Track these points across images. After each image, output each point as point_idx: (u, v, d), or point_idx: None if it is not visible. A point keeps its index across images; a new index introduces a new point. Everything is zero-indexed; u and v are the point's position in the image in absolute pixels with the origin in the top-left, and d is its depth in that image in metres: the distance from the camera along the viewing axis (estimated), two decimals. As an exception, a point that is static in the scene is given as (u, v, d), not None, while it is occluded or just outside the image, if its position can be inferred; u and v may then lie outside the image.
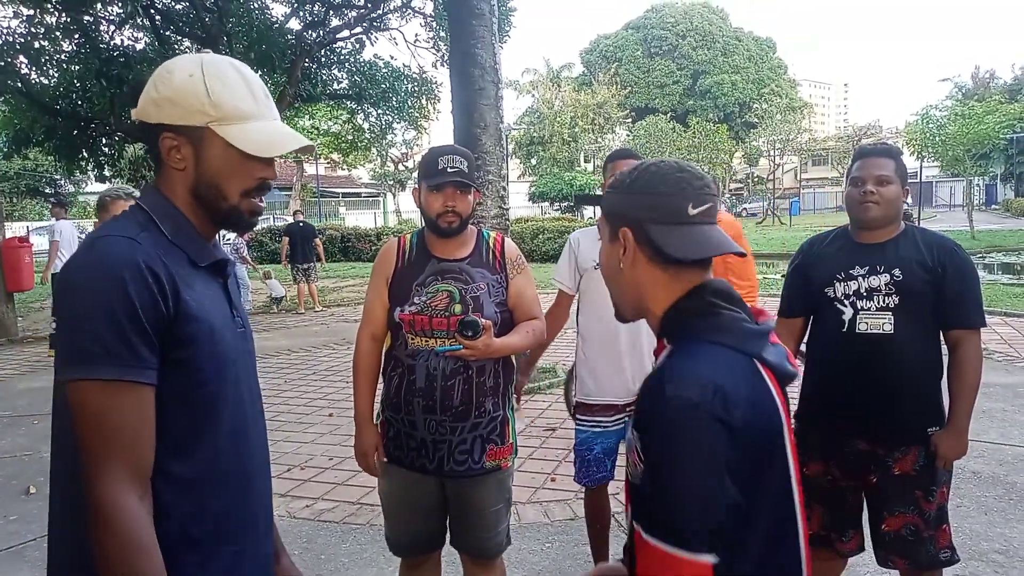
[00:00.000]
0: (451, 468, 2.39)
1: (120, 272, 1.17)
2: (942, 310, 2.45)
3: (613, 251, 1.31)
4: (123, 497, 1.14)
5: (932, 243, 2.49)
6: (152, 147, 1.34)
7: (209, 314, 1.28)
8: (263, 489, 1.45)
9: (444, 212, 2.37)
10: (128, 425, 1.16)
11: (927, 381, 2.48)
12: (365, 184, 53.42)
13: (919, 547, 2.46)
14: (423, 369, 2.36)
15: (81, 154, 13.85)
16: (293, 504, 4.40)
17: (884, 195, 2.45)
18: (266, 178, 1.37)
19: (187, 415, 1.25)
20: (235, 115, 1.31)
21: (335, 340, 10.09)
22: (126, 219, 1.30)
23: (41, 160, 24.70)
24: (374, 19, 15.16)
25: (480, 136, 6.72)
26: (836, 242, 2.64)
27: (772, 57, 64.53)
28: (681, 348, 1.22)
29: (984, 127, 23.11)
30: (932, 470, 2.46)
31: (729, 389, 1.12)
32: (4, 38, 11.79)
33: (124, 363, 1.16)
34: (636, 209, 1.27)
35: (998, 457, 4.83)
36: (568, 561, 3.64)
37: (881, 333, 2.44)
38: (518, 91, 47.87)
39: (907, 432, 2.47)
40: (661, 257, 1.25)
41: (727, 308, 1.24)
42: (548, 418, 5.95)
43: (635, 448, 1.19)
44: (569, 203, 36.20)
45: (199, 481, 1.27)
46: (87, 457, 1.15)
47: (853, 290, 2.49)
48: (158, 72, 1.32)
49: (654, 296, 1.28)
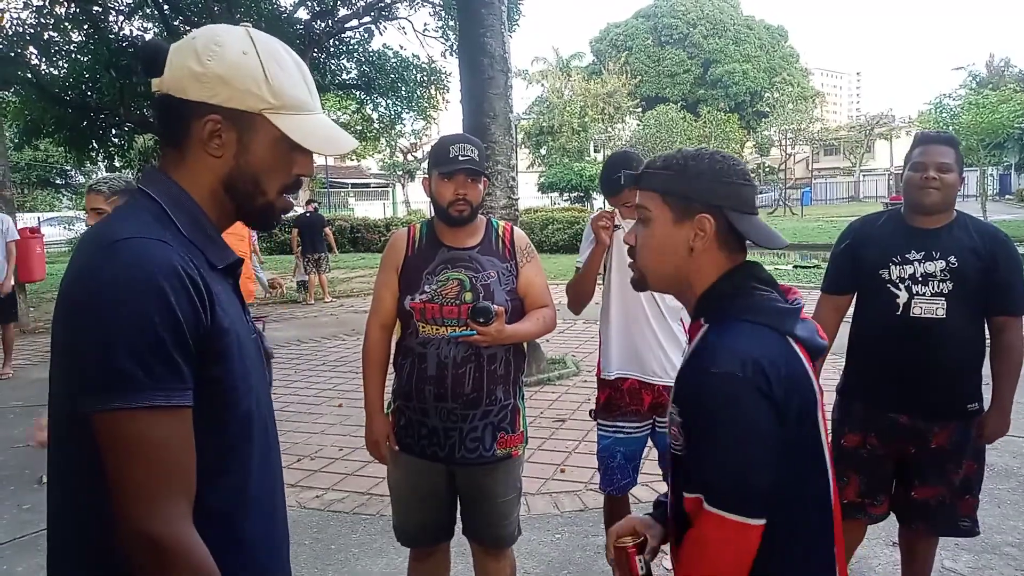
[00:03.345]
0: (462, 456, 2.38)
1: (158, 280, 1.02)
2: (990, 297, 2.55)
3: (680, 234, 1.35)
4: (190, 533, 1.03)
5: (984, 232, 2.59)
6: (177, 125, 1.17)
7: (234, 323, 1.15)
8: (283, 509, 1.33)
9: (455, 200, 2.35)
10: (179, 453, 1.04)
11: (972, 363, 2.60)
12: (374, 175, 53.41)
13: (942, 513, 2.62)
14: (434, 357, 2.35)
15: (91, 144, 13.91)
16: (303, 495, 4.41)
17: (945, 181, 2.52)
18: (304, 174, 1.26)
19: (218, 438, 1.12)
20: (293, 105, 1.18)
21: (345, 331, 10.10)
22: (138, 213, 1.14)
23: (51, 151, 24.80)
24: (382, 8, 15.14)
25: (489, 126, 6.70)
26: (888, 224, 2.70)
27: (784, 46, 64.01)
28: (720, 327, 1.30)
29: (998, 116, 22.86)
30: (964, 445, 2.59)
31: (767, 364, 1.21)
32: (14, 29, 11.83)
33: (170, 386, 1.02)
34: (716, 196, 1.33)
35: (1012, 449, 4.79)
36: (578, 552, 3.63)
37: (933, 318, 2.53)
38: (527, 80, 47.71)
39: (950, 409, 2.58)
40: (735, 244, 1.34)
41: (761, 288, 1.33)
42: (558, 409, 5.93)
43: (675, 422, 1.30)
44: (579, 194, 36.10)
45: (230, 509, 1.15)
46: (135, 496, 1.00)
47: (909, 274, 2.56)
48: (200, 42, 1.15)
49: (704, 278, 1.36)
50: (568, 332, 8.91)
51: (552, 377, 6.92)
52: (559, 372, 7.04)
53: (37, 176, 28.26)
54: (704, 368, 1.23)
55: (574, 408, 5.82)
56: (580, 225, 20.39)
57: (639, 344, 2.84)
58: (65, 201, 33.95)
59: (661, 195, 1.37)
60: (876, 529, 2.78)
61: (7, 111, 13.48)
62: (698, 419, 1.24)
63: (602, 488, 3.03)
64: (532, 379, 6.64)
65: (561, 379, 6.92)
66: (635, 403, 2.85)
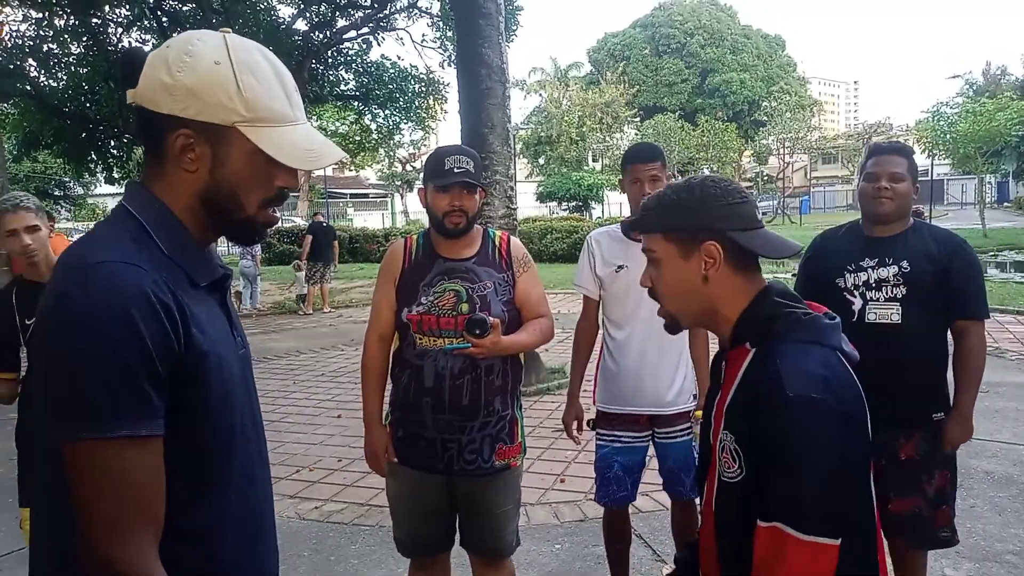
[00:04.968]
0: (461, 467, 2.38)
1: (128, 309, 0.99)
2: (948, 302, 2.57)
3: (691, 267, 1.35)
4: (152, 564, 1.01)
5: (940, 238, 2.63)
6: (153, 139, 1.13)
7: (215, 344, 1.11)
8: (272, 529, 1.30)
9: (450, 212, 2.35)
10: (147, 484, 1.02)
11: (932, 369, 2.62)
12: (372, 185, 53.51)
13: (920, 527, 2.62)
14: (431, 369, 2.35)
15: (90, 156, 13.95)
16: (302, 506, 4.40)
17: (897, 191, 2.59)
18: (287, 187, 1.20)
19: (195, 464, 1.10)
20: (268, 117, 1.12)
21: (343, 341, 10.09)
22: (115, 231, 1.11)
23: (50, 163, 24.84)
24: (380, 19, 15.22)
25: (488, 136, 6.71)
26: (847, 235, 2.78)
27: (781, 55, 64.23)
28: (774, 350, 1.27)
29: (996, 124, 22.91)
30: (933, 454, 2.60)
31: (835, 382, 1.22)
32: (13, 41, 11.87)
33: (139, 416, 1.00)
34: (716, 220, 1.32)
35: (1012, 457, 4.78)
36: (578, 562, 3.62)
37: (889, 323, 2.56)
38: (525, 91, 47.84)
39: (912, 417, 2.60)
40: (746, 263, 1.34)
41: (798, 307, 1.33)
42: (557, 419, 5.88)
43: (730, 449, 1.28)
44: (577, 203, 36.14)
45: (209, 533, 1.13)
46: (99, 525, 0.99)
47: (863, 281, 2.61)
48: (172, 52, 1.10)
49: (733, 303, 1.35)
50: (567, 342, 8.86)
51: (551, 387, 6.91)
52: (558, 382, 7.02)
53: (36, 188, 28.27)
54: (779, 393, 1.20)
55: (573, 418, 5.79)
56: (579, 234, 20.39)
57: (643, 376, 2.81)
58: (64, 213, 34.01)
59: (662, 234, 1.37)
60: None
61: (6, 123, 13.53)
62: (778, 446, 1.20)
63: (598, 500, 2.98)
64: (531, 389, 6.63)
65: (560, 389, 6.89)
66: (632, 416, 2.85)
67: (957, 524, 2.73)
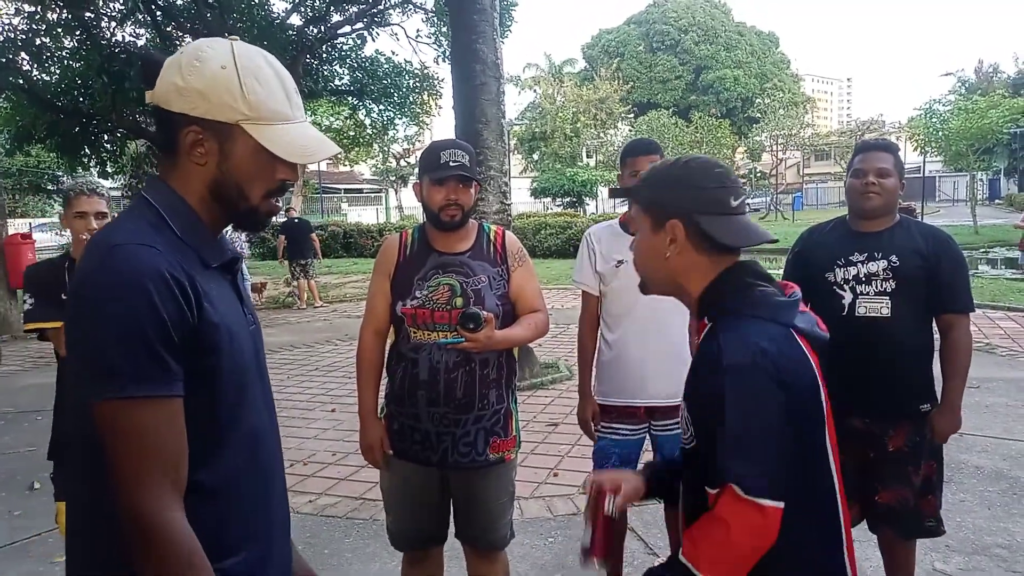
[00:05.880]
0: (455, 460, 2.39)
1: (145, 284, 1.12)
2: (935, 296, 2.63)
3: (657, 240, 1.44)
4: (173, 516, 1.11)
5: (927, 234, 2.68)
6: (167, 135, 1.27)
7: (226, 317, 1.24)
8: (282, 487, 1.43)
9: (446, 205, 2.37)
10: (167, 441, 1.13)
11: (920, 362, 2.67)
12: (367, 180, 53.36)
13: (906, 517, 2.66)
14: (426, 362, 2.36)
15: (83, 151, 13.85)
16: (296, 499, 4.40)
17: (884, 186, 2.64)
18: (288, 179, 1.33)
19: (210, 424, 1.22)
20: (269, 116, 1.25)
21: (337, 336, 10.09)
22: (135, 220, 1.24)
23: (43, 157, 24.70)
24: (375, 14, 15.14)
25: (482, 131, 6.71)
26: (835, 231, 2.82)
27: (775, 52, 64.31)
28: (724, 323, 1.35)
29: (987, 122, 23.03)
30: (921, 446, 2.65)
31: (774, 353, 1.28)
32: (6, 35, 11.80)
33: (157, 379, 1.12)
34: (685, 202, 1.40)
35: (1001, 452, 4.82)
36: (571, 556, 3.64)
37: (879, 316, 2.61)
38: (520, 86, 47.80)
39: (901, 409, 2.64)
40: (709, 245, 1.40)
41: (759, 284, 1.39)
42: (551, 413, 5.94)
43: (684, 418, 1.39)
44: (571, 199, 36.16)
45: (224, 488, 1.24)
46: (125, 477, 1.11)
47: (852, 275, 2.66)
48: (185, 57, 1.24)
49: (694, 280, 1.43)
50: (561, 336, 8.91)
51: (545, 381, 6.93)
52: (552, 376, 7.05)
53: (29, 182, 28.10)
54: (715, 363, 1.29)
55: (567, 412, 5.81)
56: (573, 230, 20.41)
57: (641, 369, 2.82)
58: (57, 207, 33.81)
59: (643, 207, 1.48)
60: (867, 532, 2.79)
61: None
62: (716, 412, 1.28)
63: None
64: (525, 383, 6.65)
65: (554, 383, 6.92)
66: (630, 408, 2.87)
67: (947, 518, 2.77)
